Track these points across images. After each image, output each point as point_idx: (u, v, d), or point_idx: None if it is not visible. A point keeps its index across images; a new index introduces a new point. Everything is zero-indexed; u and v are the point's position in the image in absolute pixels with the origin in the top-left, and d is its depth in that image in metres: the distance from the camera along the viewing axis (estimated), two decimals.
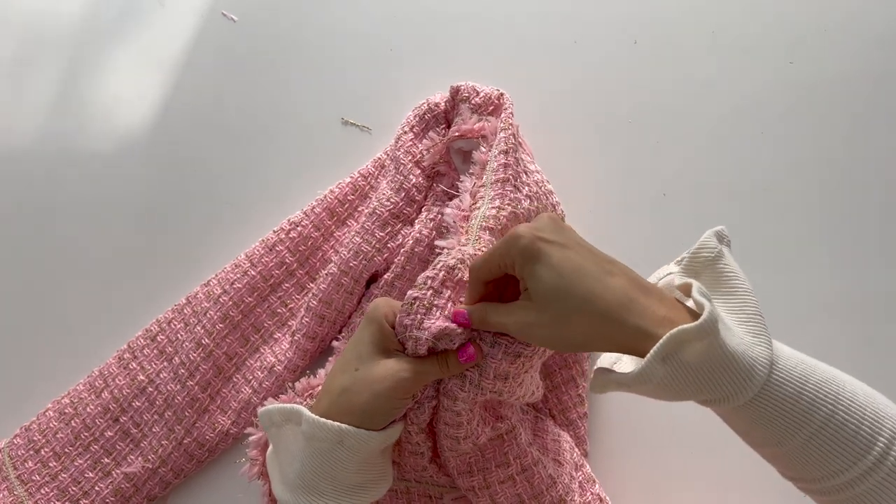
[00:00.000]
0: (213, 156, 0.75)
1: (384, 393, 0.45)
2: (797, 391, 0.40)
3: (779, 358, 0.41)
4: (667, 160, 0.73)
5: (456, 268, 0.49)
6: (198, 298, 0.68)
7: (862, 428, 0.40)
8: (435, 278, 0.48)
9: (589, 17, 0.76)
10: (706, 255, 0.46)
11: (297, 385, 0.53)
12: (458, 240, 0.54)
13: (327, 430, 0.44)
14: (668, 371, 0.39)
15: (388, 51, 0.77)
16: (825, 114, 0.74)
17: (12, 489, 0.65)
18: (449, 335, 0.47)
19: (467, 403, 0.49)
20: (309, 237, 0.68)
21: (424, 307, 0.47)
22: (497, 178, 0.57)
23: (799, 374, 0.41)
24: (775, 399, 0.40)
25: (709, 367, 0.39)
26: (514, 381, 0.49)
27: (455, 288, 0.50)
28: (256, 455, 0.54)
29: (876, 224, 0.71)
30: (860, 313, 0.69)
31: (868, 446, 0.39)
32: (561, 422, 0.64)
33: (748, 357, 0.40)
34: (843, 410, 0.40)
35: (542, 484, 0.55)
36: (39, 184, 0.75)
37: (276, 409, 0.48)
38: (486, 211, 0.55)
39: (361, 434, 0.44)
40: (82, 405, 0.66)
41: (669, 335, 0.38)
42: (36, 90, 0.77)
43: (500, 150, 0.59)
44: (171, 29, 0.78)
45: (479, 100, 0.65)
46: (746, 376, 0.40)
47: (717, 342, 0.39)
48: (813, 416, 0.40)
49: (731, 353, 0.39)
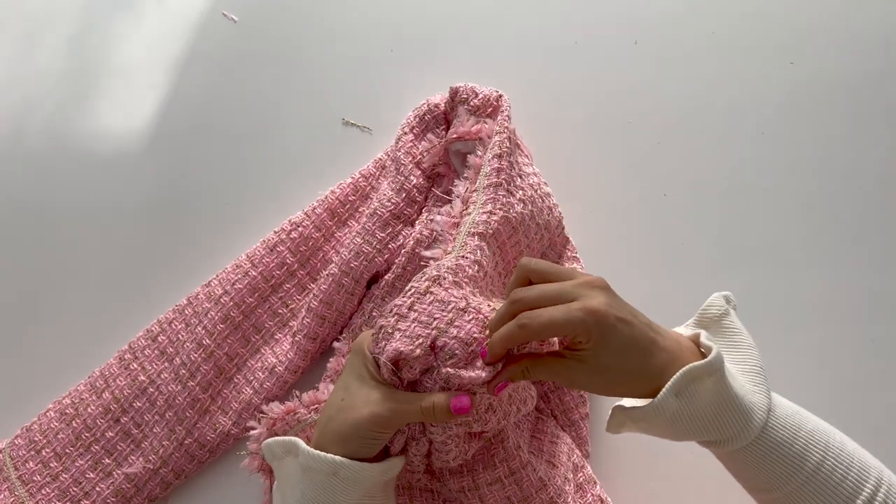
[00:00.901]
0: (213, 156, 0.75)
1: (362, 423, 0.45)
2: (791, 438, 0.44)
3: (776, 406, 0.45)
4: (667, 160, 0.73)
5: (428, 291, 0.49)
6: (199, 299, 0.68)
7: (849, 476, 0.43)
8: (402, 305, 0.48)
9: (589, 17, 0.76)
10: (714, 313, 0.50)
11: (305, 397, 0.54)
12: (444, 249, 0.54)
13: (321, 462, 0.45)
14: (680, 405, 0.43)
15: (388, 51, 0.77)
16: (825, 114, 0.74)
17: (13, 489, 0.65)
18: (409, 362, 0.47)
19: (455, 438, 0.50)
20: (310, 238, 0.68)
21: (388, 333, 0.47)
22: (490, 182, 0.57)
23: (793, 422, 0.45)
24: (771, 444, 0.44)
25: (715, 405, 0.43)
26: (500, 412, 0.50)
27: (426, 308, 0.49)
28: (257, 448, 0.54)
29: (876, 224, 0.71)
30: (860, 313, 0.69)
31: (854, 494, 0.43)
32: (563, 422, 0.64)
33: (748, 401, 0.44)
34: (833, 458, 0.44)
35: (531, 487, 0.55)
36: (39, 184, 0.74)
37: (276, 442, 0.49)
38: (477, 217, 0.55)
39: (354, 466, 0.45)
40: (83, 405, 0.66)
41: (682, 371, 0.42)
42: (35, 90, 0.77)
43: (493, 154, 0.59)
44: (171, 29, 0.78)
45: (477, 101, 0.65)
46: (746, 419, 0.43)
47: (724, 381, 0.43)
48: (804, 462, 0.43)
49: (734, 394, 0.43)
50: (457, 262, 0.52)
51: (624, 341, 0.43)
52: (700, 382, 0.43)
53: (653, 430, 0.46)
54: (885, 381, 0.68)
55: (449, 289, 0.49)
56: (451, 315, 0.48)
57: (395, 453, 0.50)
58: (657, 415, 0.43)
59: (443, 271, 0.50)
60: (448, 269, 0.51)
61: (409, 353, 0.46)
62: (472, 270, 0.53)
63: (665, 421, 0.43)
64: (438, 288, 0.49)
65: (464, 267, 0.52)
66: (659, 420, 0.43)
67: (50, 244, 0.73)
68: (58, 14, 0.79)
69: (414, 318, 0.48)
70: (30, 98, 0.77)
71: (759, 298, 0.69)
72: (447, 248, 0.54)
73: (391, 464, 0.48)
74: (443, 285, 0.50)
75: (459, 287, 0.50)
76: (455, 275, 0.51)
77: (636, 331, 0.44)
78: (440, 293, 0.49)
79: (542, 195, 0.63)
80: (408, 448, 0.51)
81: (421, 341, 0.46)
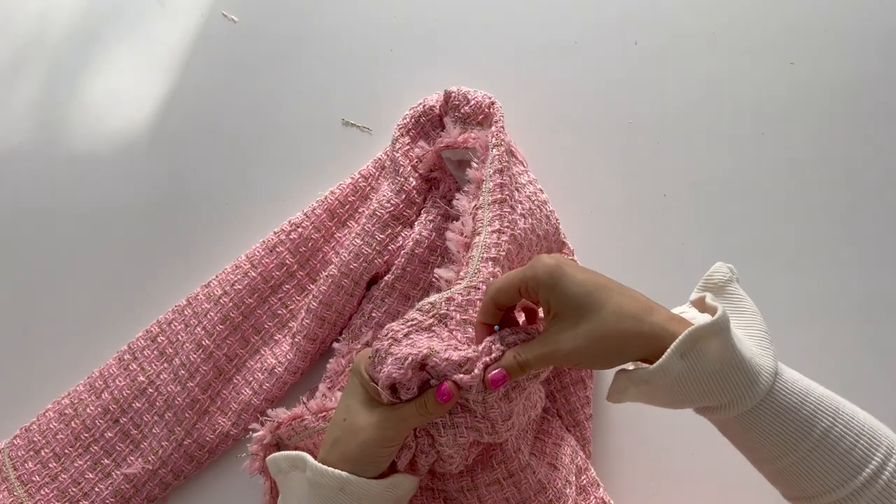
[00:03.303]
0: (213, 156, 0.75)
1: (369, 442, 0.46)
2: (799, 403, 0.42)
3: (783, 371, 0.44)
4: (667, 160, 0.73)
5: (430, 329, 0.49)
6: (198, 299, 0.68)
7: (858, 445, 0.42)
8: (399, 331, 0.48)
9: (589, 17, 0.76)
10: (718, 279, 0.50)
11: (312, 404, 0.54)
12: (458, 271, 0.54)
13: (329, 478, 0.46)
14: (685, 366, 0.42)
15: (388, 51, 0.77)
16: (825, 114, 0.74)
17: (12, 490, 0.65)
18: (404, 385, 0.47)
19: (459, 449, 0.50)
20: (309, 238, 0.68)
21: (381, 357, 0.47)
22: (494, 198, 0.57)
23: (801, 388, 0.43)
24: (777, 408, 0.42)
25: (721, 366, 0.42)
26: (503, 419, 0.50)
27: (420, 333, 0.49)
28: (258, 450, 0.54)
29: (876, 224, 0.71)
30: (860, 313, 0.69)
31: (862, 463, 0.41)
32: (568, 422, 0.64)
33: (755, 363, 0.43)
34: (842, 425, 0.42)
35: (529, 489, 0.55)
36: (39, 184, 0.74)
37: (283, 457, 0.50)
38: (487, 238, 0.55)
39: (361, 482, 0.46)
40: (82, 406, 0.66)
41: (688, 331, 0.41)
42: (36, 91, 0.77)
43: (494, 169, 0.58)
44: (171, 30, 0.78)
45: (468, 108, 0.65)
46: (752, 381, 0.42)
47: (730, 341, 0.42)
48: (812, 429, 0.42)
49: (740, 355, 0.42)
50: (468, 295, 0.51)
51: (584, 281, 0.44)
52: (706, 342, 0.41)
53: (655, 397, 0.45)
54: (884, 381, 0.68)
55: (455, 329, 0.49)
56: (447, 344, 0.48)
57: (401, 468, 0.50)
58: (662, 376, 0.42)
59: (451, 308, 0.50)
60: (457, 307, 0.50)
61: (401, 376, 0.46)
62: None
63: (670, 383, 0.42)
64: (442, 328, 0.49)
65: (475, 302, 0.51)
66: (664, 382, 0.42)
67: (50, 244, 0.73)
68: (59, 14, 0.79)
69: (408, 343, 0.48)
70: (30, 98, 0.77)
71: (759, 298, 0.68)
72: (460, 271, 0.54)
73: (396, 480, 0.49)
74: (448, 326, 0.49)
75: (468, 325, 0.50)
76: (465, 311, 0.50)
77: (590, 274, 0.45)
78: (442, 333, 0.49)
79: (540, 204, 0.63)
80: (416, 460, 0.51)
81: (411, 360, 0.46)
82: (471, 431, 0.49)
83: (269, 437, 0.54)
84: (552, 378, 0.65)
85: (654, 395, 0.44)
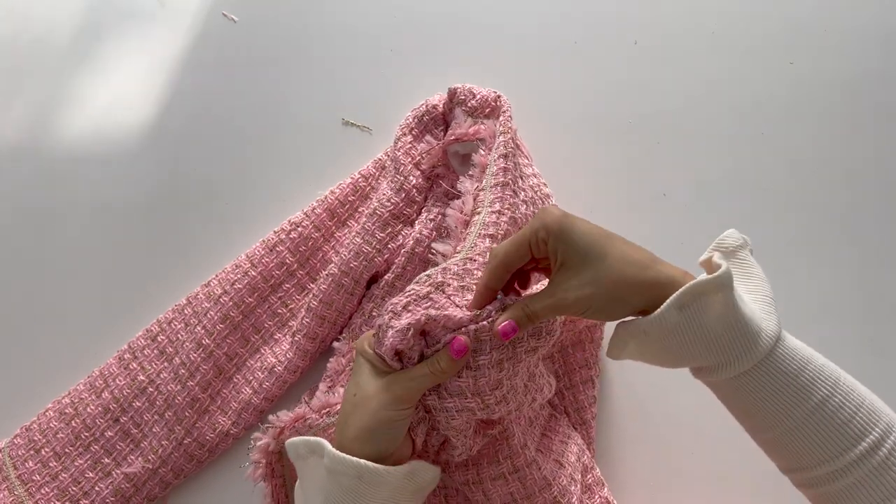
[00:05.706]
0: (213, 156, 0.75)
1: (382, 406, 0.46)
2: (797, 369, 0.42)
3: (786, 337, 0.43)
4: (667, 160, 0.73)
5: (428, 297, 0.49)
6: (198, 299, 0.68)
7: (856, 417, 0.41)
8: (398, 304, 0.48)
9: (589, 17, 0.76)
10: (730, 244, 0.50)
11: (314, 402, 0.54)
12: (455, 246, 0.54)
13: (346, 465, 0.45)
14: (682, 319, 0.42)
15: (388, 51, 0.77)
16: (825, 114, 0.74)
17: (12, 489, 0.65)
18: (407, 353, 0.47)
19: (457, 433, 0.50)
20: (309, 238, 0.68)
21: (383, 331, 0.47)
22: (497, 181, 0.57)
23: (802, 355, 0.43)
24: (775, 372, 0.42)
25: (722, 323, 0.41)
26: (506, 388, 0.49)
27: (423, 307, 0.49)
28: (259, 457, 0.54)
29: (876, 224, 0.71)
30: (860, 313, 0.69)
31: (860, 436, 0.40)
32: (575, 420, 0.64)
33: (756, 323, 0.42)
34: (841, 396, 0.41)
35: (534, 485, 0.55)
36: (39, 184, 0.75)
37: (301, 442, 0.49)
38: (486, 217, 0.55)
39: (379, 469, 0.45)
40: (83, 405, 0.66)
41: (689, 284, 0.42)
42: (36, 91, 0.77)
43: (499, 153, 0.59)
44: (171, 29, 0.78)
45: (475, 102, 0.65)
46: (752, 341, 0.42)
47: (732, 299, 0.41)
48: (810, 396, 0.41)
49: (742, 314, 0.42)
50: (464, 265, 0.51)
51: (590, 230, 0.45)
52: (707, 298, 0.42)
53: (654, 354, 0.45)
54: (885, 381, 0.67)
55: (453, 295, 0.49)
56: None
57: (419, 446, 0.50)
58: (659, 325, 0.42)
59: (448, 277, 0.50)
60: (454, 275, 0.50)
61: (404, 346, 0.46)
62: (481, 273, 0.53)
63: (667, 335, 0.42)
64: (440, 294, 0.49)
65: (472, 271, 0.51)
66: (660, 332, 0.42)
67: (49, 244, 0.73)
68: (59, 14, 0.79)
69: (408, 315, 0.48)
70: (30, 98, 0.77)
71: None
72: (457, 246, 0.54)
73: (415, 467, 0.48)
74: (446, 292, 0.49)
75: (466, 292, 0.50)
76: (461, 280, 0.50)
77: (595, 225, 0.46)
78: (440, 299, 0.49)
79: (543, 196, 0.63)
80: (428, 442, 0.51)
81: (412, 328, 0.46)
82: (462, 413, 0.49)
83: (274, 445, 0.54)
84: (561, 375, 0.65)
85: (653, 350, 0.44)
